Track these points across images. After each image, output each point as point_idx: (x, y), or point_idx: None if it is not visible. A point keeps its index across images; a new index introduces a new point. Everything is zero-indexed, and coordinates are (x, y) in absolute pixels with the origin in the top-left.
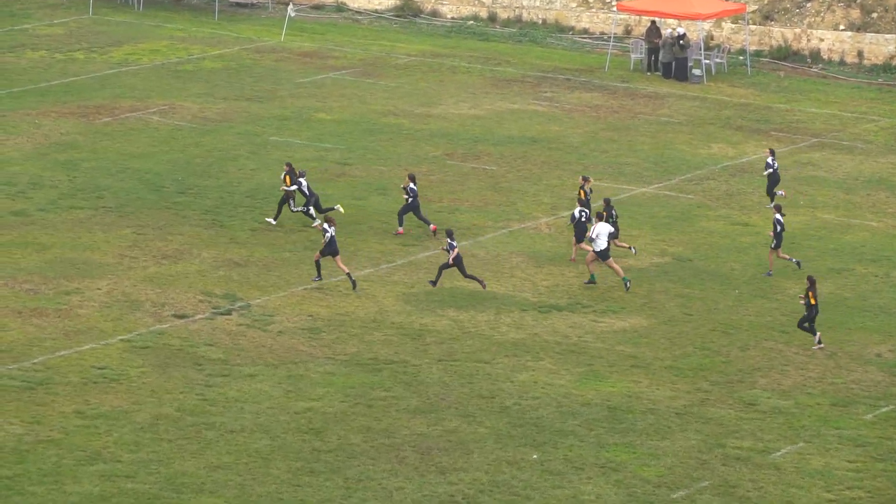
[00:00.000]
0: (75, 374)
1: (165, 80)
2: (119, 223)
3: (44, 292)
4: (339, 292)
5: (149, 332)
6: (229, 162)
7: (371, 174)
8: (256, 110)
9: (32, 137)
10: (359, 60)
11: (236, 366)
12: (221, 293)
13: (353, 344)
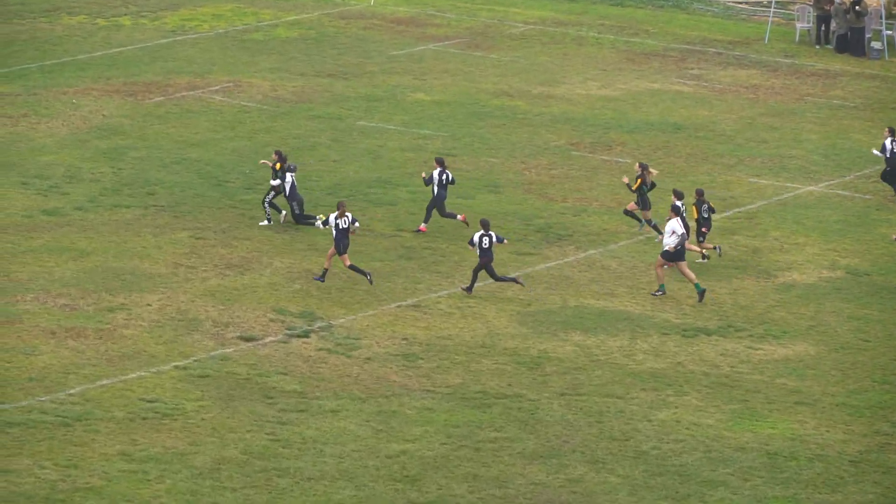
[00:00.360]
0: (120, 407)
1: (230, 52)
2: (173, 225)
3: (82, 308)
4: (440, 311)
5: (209, 358)
6: (307, 151)
7: (479, 167)
8: (340, 89)
9: (69, 121)
10: (465, 29)
11: (315, 399)
12: (297, 311)
13: (457, 374)
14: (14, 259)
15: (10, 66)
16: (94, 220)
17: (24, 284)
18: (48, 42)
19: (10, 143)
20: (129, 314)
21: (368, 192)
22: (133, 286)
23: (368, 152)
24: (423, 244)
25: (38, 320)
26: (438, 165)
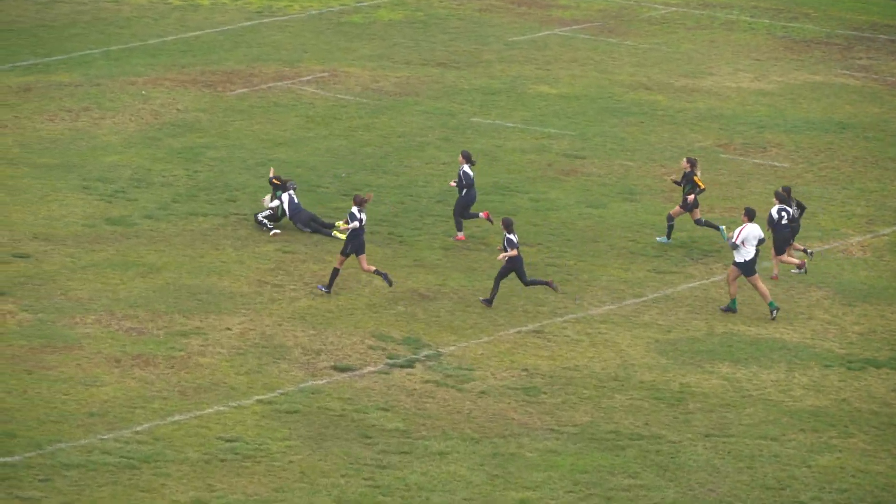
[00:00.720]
0: (194, 447)
1: (324, 37)
2: (257, 237)
3: (151, 333)
4: (566, 338)
5: (298, 391)
6: (413, 152)
7: (612, 171)
8: (452, 80)
9: (138, 115)
10: (596, 11)
11: (420, 439)
12: (400, 337)
13: (586, 410)
14: (73, 275)
15: (71, 52)
16: (166, 231)
17: (85, 304)
18: (114, 24)
19: (69, 140)
20: (206, 340)
21: (484, 200)
22: (210, 307)
23: (484, 153)
24: (545, 260)
25: (101, 346)
26: (467, 161)
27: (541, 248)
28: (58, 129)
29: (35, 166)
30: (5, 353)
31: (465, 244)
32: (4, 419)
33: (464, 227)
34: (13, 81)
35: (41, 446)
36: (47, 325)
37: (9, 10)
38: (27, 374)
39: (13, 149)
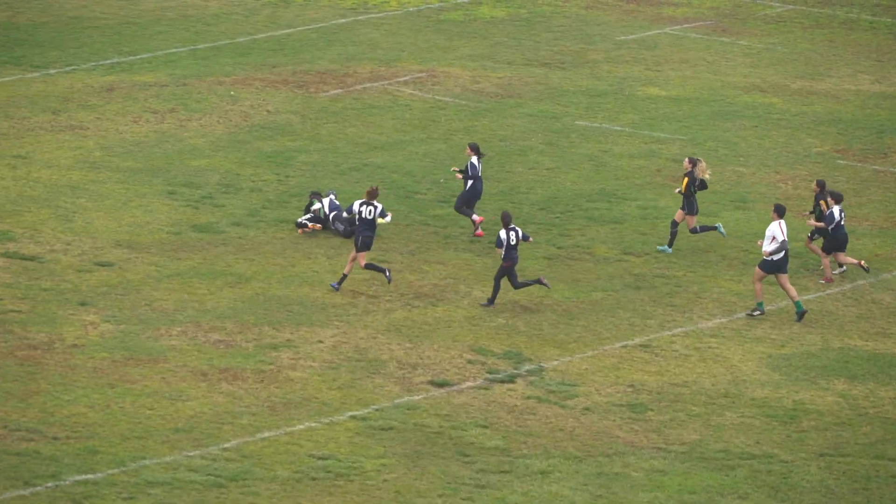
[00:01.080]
0: (284, 465)
1: (422, 35)
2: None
3: (240, 345)
4: (674, 352)
5: (393, 407)
6: (515, 157)
7: (725, 178)
8: (556, 81)
9: (226, 117)
10: (709, 9)
11: (521, 457)
12: (501, 351)
13: (694, 428)
14: (158, 285)
15: (155, 51)
16: (255, 239)
17: (170, 315)
18: (201, 22)
19: (154, 143)
20: (297, 353)
21: (589, 208)
22: (302, 319)
23: (590, 159)
24: (654, 271)
25: (187, 359)
26: (475, 152)
27: (648, 258)
28: (142, 131)
29: (118, 170)
30: (87, 366)
31: (570, 254)
32: (86, 435)
33: (476, 222)
34: (96, 81)
35: (124, 463)
36: (131, 336)
37: (92, 6)
38: (110, 388)
39: (95, 152)
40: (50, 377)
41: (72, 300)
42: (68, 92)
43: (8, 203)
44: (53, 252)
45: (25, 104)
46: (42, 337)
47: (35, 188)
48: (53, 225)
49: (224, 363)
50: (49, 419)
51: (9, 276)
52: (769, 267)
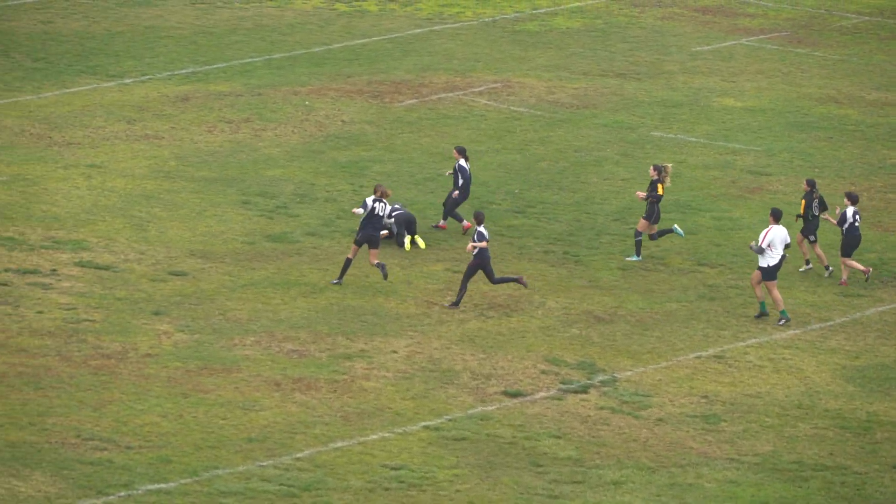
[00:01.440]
0: (357, 475)
1: (498, 46)
2: (425, 256)
3: (313, 355)
4: (748, 363)
5: (466, 417)
6: (590, 167)
7: (799, 189)
8: (631, 91)
9: (301, 127)
10: (785, 20)
11: (593, 468)
12: (574, 361)
13: (768, 439)
14: (232, 294)
15: (231, 60)
16: (330, 249)
17: (244, 325)
18: (277, 31)
19: (229, 153)
20: (370, 363)
21: (664, 219)
22: (375, 329)
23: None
24: (728, 282)
25: (261, 369)
26: (462, 155)
27: (723, 269)
28: (217, 140)
29: (193, 180)
30: (161, 376)
31: (644, 265)
32: (159, 444)
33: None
34: (171, 91)
35: (197, 473)
36: (204, 346)
37: (167, 16)
38: (183, 398)
39: (170, 161)
40: (123, 386)
41: (146, 309)
42: (143, 101)
43: (82, 212)
44: (128, 261)
45: (101, 113)
46: (116, 346)
47: (110, 197)
48: (128, 234)
49: (297, 373)
50: (122, 428)
51: (83, 286)
52: (765, 273)
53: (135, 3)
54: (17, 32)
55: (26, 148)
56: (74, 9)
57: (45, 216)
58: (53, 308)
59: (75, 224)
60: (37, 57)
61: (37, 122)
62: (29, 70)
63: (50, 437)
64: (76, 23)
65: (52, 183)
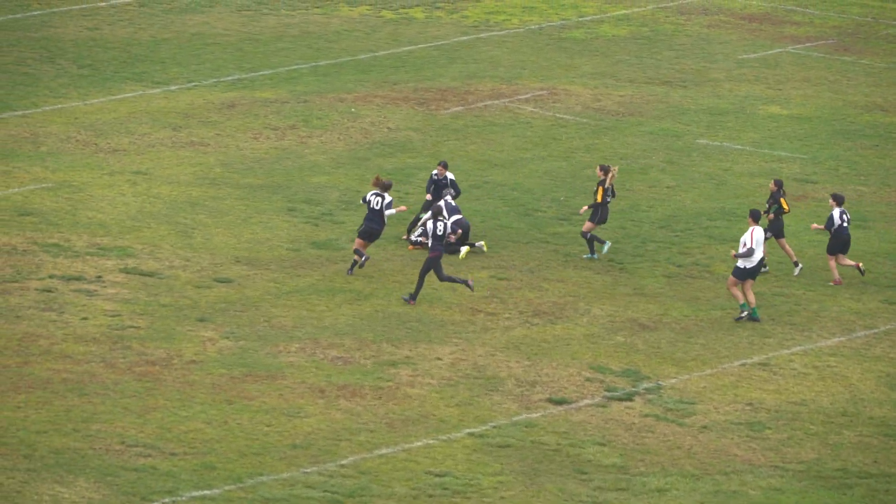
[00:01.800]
0: (402, 482)
1: (544, 53)
2: (470, 263)
3: (358, 362)
4: (793, 371)
5: (511, 424)
6: (636, 175)
7: (846, 196)
8: (677, 99)
9: (347, 134)
10: (831, 28)
11: (638, 475)
12: (619, 369)
13: (812, 447)
14: (277, 301)
15: (277, 67)
16: (375, 256)
17: (289, 332)
18: (323, 38)
19: (274, 160)
20: (415, 370)
21: (709, 226)
22: (420, 336)
23: (710, 177)
24: (773, 289)
25: (305, 375)
26: (445, 168)
27: (768, 276)
28: (262, 147)
29: (238, 187)
30: (205, 382)
31: (689, 273)
32: (204, 451)
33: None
34: (217, 97)
35: (242, 480)
36: (249, 353)
37: (213, 23)
38: (228, 404)
39: (215, 168)
40: (168, 393)
41: (190, 316)
42: (189, 108)
43: (128, 219)
44: (173, 268)
45: (146, 120)
46: (160, 353)
47: (155, 204)
48: (173, 241)
49: (342, 380)
50: (167, 435)
51: (128, 292)
52: (741, 274)
53: (181, 11)
54: (64, 39)
55: (72, 154)
56: (121, 16)
57: (91, 223)
58: (98, 315)
59: (120, 231)
60: (83, 64)
61: (83, 128)
62: (75, 77)
63: (94, 443)
64: (122, 30)
65: (98, 190)
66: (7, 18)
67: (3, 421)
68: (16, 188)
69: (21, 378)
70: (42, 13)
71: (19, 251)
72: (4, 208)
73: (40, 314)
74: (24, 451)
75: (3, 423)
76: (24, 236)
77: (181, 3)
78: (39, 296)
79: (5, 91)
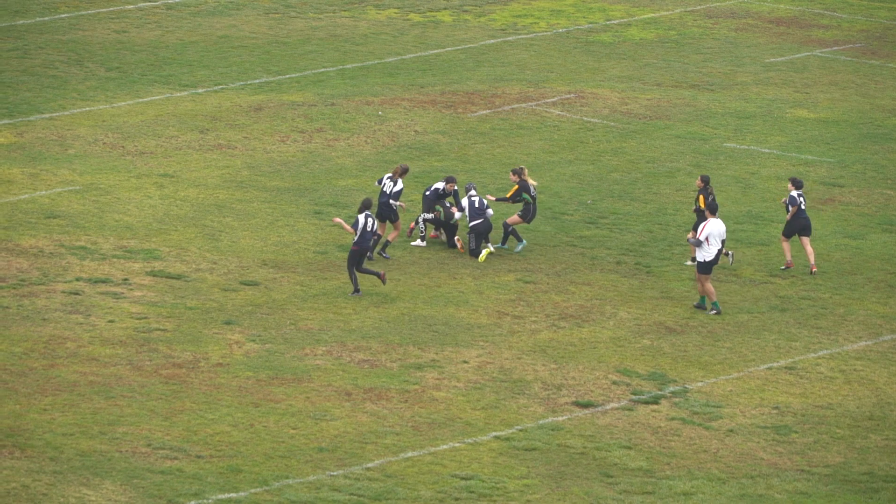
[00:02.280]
0: (427, 485)
1: (571, 56)
2: (497, 266)
3: (384, 365)
4: (819, 374)
5: (537, 427)
6: (663, 178)
7: (872, 200)
8: (704, 103)
9: (374, 137)
10: (858, 32)
11: (664, 479)
12: (646, 372)
13: (839, 451)
14: (304, 304)
15: (304, 70)
16: (402, 259)
17: (315, 335)
18: (350, 41)
19: (301, 163)
20: (442, 373)
21: (736, 230)
22: (447, 339)
23: (737, 180)
24: (800, 293)
25: (331, 378)
26: (453, 184)
27: (794, 279)
28: (289, 150)
29: (265, 189)
30: (231, 385)
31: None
32: (230, 453)
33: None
34: (244, 101)
35: (267, 482)
36: (276, 356)
37: (241, 26)
38: (254, 407)
39: (242, 171)
40: (194, 396)
41: (217, 319)
42: (216, 111)
43: (155, 222)
44: (199, 271)
45: (174, 123)
46: (187, 356)
47: (182, 207)
48: (200, 244)
49: (368, 383)
50: (193, 438)
51: (155, 295)
52: (703, 268)
53: (208, 13)
54: (92, 42)
55: (99, 157)
56: (148, 18)
57: (118, 225)
58: (125, 317)
59: (147, 233)
60: (111, 66)
61: (110, 131)
62: (103, 80)
63: (120, 445)
64: (150, 32)
65: (125, 192)
66: (35, 21)
67: (30, 423)
68: (43, 191)
69: (48, 381)
70: (70, 16)
71: (46, 253)
72: (32, 211)
73: (67, 317)
74: (50, 454)
75: (30, 426)
76: (52, 239)
77: (209, 6)
78: (66, 298)
79: (33, 94)
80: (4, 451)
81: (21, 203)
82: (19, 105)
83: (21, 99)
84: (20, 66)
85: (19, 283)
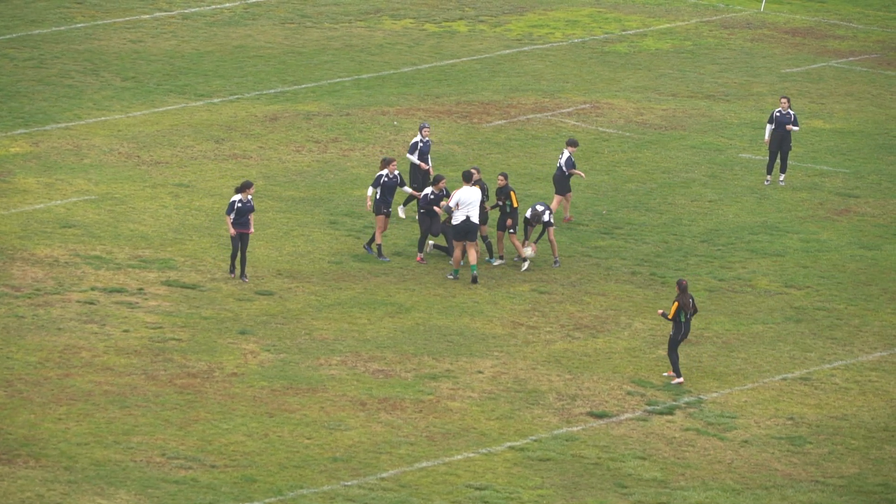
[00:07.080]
0: (442, 495)
1: (587, 67)
2: (511, 276)
3: (399, 375)
4: (834, 385)
5: (552, 438)
6: (678, 189)
7: (887, 211)
8: (720, 113)
9: (389, 146)
10: (875, 42)
11: (678, 489)
12: (660, 383)
13: (853, 462)
14: (318, 314)
15: (320, 80)
16: (416, 269)
17: (330, 345)
18: (366, 51)
19: (317, 173)
20: (456, 383)
21: (751, 240)
22: (461, 349)
23: (752, 191)
24: (815, 304)
25: (346, 388)
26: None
27: (810, 290)
28: (305, 160)
29: (280, 199)
30: (246, 395)
31: (731, 287)
32: (244, 463)
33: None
34: (259, 110)
35: (282, 492)
36: (290, 365)
37: (256, 35)
38: (268, 417)
39: (258, 181)
40: (209, 405)
41: (232, 329)
42: (232, 121)
43: (170, 231)
44: (214, 281)
45: (189, 133)
46: (202, 365)
47: (197, 217)
48: (215, 253)
49: (383, 393)
50: (207, 447)
51: (169, 305)
52: (456, 233)
53: (224, 23)
54: (108, 52)
55: (115, 167)
56: (164, 28)
57: (133, 235)
58: (140, 327)
59: (162, 243)
60: (126, 76)
61: (125, 140)
62: (118, 89)
63: (135, 455)
64: (166, 42)
65: (140, 202)
66: (51, 31)
67: (45, 433)
68: (59, 200)
69: (62, 390)
70: (86, 26)
71: (61, 263)
72: (47, 220)
73: (82, 326)
74: (65, 463)
75: (45, 435)
76: (67, 248)
77: (224, 16)
78: (81, 308)
79: (49, 103)
80: (19, 460)
81: (36, 213)
82: (35, 114)
83: (37, 108)
84: (36, 75)
85: (35, 293)
